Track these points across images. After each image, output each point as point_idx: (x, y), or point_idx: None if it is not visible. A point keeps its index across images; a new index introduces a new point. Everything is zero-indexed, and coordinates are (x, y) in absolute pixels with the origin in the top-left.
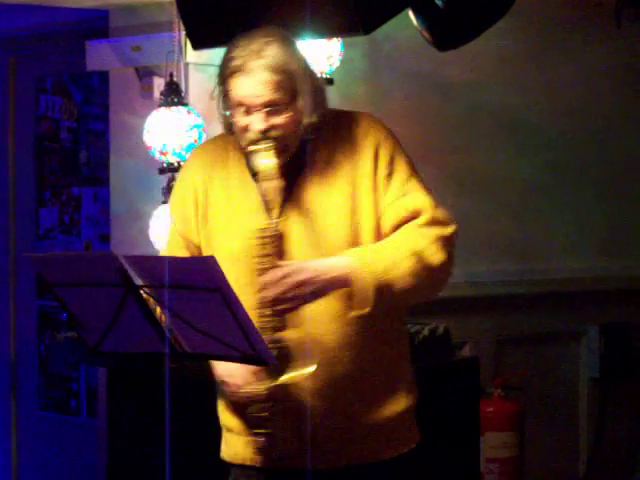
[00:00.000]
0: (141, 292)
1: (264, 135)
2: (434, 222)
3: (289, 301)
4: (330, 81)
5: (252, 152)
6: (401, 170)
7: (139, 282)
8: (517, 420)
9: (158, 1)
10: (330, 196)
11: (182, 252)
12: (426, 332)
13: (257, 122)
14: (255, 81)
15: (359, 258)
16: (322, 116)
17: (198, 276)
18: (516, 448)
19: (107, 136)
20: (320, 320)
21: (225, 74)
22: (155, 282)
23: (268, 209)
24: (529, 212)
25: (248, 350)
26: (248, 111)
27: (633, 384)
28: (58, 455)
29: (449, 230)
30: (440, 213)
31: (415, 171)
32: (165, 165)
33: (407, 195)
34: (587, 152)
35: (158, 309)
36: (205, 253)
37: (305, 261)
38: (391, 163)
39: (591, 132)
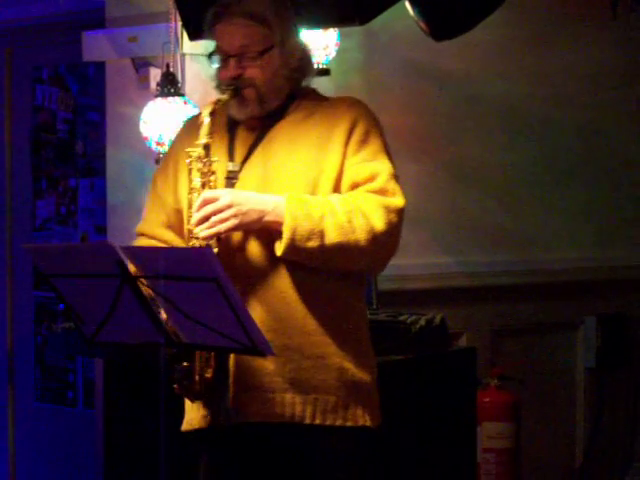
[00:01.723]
0: (138, 283)
1: (235, 80)
2: (383, 191)
3: (211, 226)
4: (326, 71)
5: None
6: (374, 143)
7: (136, 273)
8: (514, 410)
9: None
10: (297, 149)
11: (156, 212)
12: (422, 322)
13: (230, 67)
14: (230, 26)
15: (292, 199)
16: (303, 87)
17: (195, 266)
18: (513, 438)
19: (103, 127)
20: (265, 276)
21: (209, 22)
22: (152, 272)
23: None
24: (525, 202)
25: (244, 340)
26: (225, 58)
27: (629, 374)
28: (55, 446)
29: (396, 202)
30: (393, 185)
31: (387, 152)
32: (161, 155)
33: (372, 161)
34: (583, 142)
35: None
36: (176, 214)
37: (235, 190)
38: (366, 134)
39: (587, 123)
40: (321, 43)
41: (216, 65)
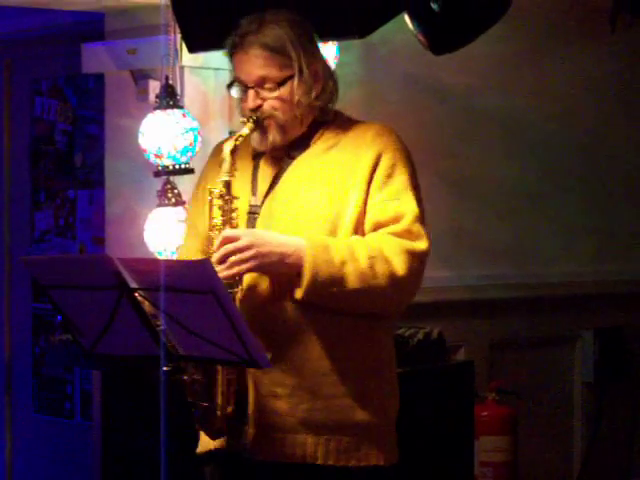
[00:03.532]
0: (136, 295)
1: (254, 112)
2: (407, 233)
3: (230, 267)
4: None
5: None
6: (399, 178)
7: (134, 285)
8: (511, 424)
9: (154, 4)
10: (318, 185)
11: (192, 240)
12: (420, 336)
13: (249, 99)
14: (247, 57)
15: (313, 244)
16: (328, 112)
17: (192, 279)
18: (510, 452)
19: (102, 139)
20: (281, 316)
21: (227, 51)
22: (150, 285)
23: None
24: (523, 216)
25: (242, 353)
26: (244, 89)
27: (627, 388)
28: (52, 457)
29: (419, 246)
30: (418, 227)
31: (414, 187)
32: (160, 168)
33: (396, 200)
34: (582, 157)
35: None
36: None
37: (256, 230)
38: (392, 168)
39: (586, 137)
40: None
41: (236, 95)
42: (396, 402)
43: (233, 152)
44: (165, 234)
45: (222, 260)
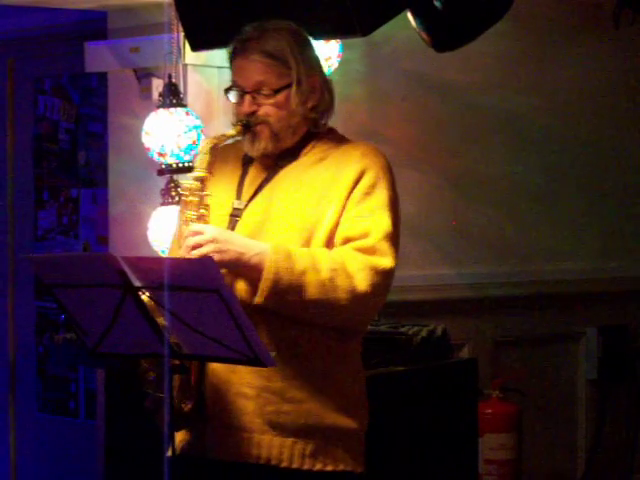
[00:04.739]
0: (140, 293)
1: (249, 117)
2: (372, 250)
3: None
4: None
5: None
6: (377, 197)
7: (138, 283)
8: (515, 422)
9: (157, 2)
10: (300, 196)
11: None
12: (424, 333)
13: (245, 104)
14: (247, 62)
15: (276, 250)
16: (321, 125)
17: (196, 277)
18: (514, 450)
19: (105, 137)
20: (256, 318)
21: (229, 57)
22: (154, 283)
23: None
24: (527, 214)
25: (246, 351)
26: (241, 94)
27: (631, 386)
28: (56, 456)
29: (383, 263)
30: (385, 246)
31: (391, 206)
32: (164, 166)
33: (369, 217)
34: (584, 154)
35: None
36: None
37: (223, 229)
38: (372, 187)
39: (589, 134)
40: (324, 54)
41: (233, 100)
42: (365, 414)
43: (212, 149)
44: (169, 233)
45: (187, 252)
